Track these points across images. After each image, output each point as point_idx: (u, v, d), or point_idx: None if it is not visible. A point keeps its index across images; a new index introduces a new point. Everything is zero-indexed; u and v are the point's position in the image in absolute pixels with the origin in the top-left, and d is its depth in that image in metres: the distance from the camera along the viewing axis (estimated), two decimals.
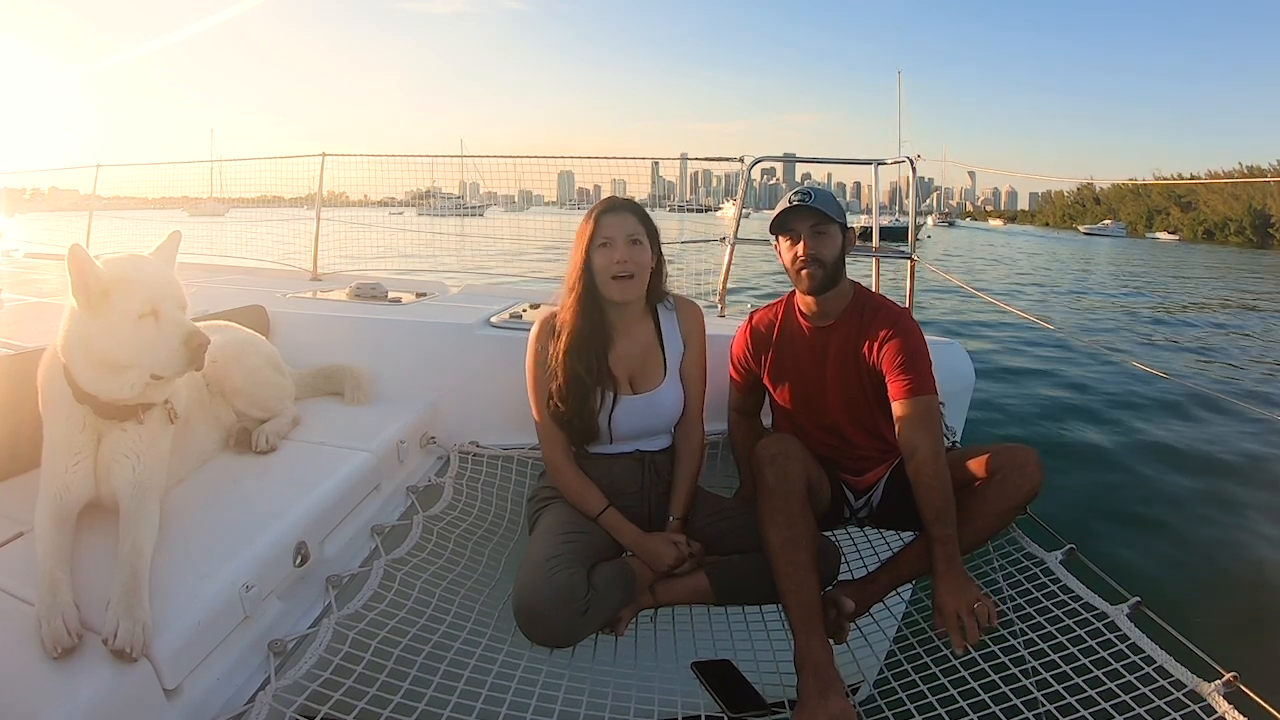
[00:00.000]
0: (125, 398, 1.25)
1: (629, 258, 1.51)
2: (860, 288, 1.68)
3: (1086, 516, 3.49)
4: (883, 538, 1.81)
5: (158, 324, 1.21)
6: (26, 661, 0.94)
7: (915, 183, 2.69)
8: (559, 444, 1.58)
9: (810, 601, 1.33)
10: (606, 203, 1.58)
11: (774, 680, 1.38)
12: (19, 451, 1.39)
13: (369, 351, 2.16)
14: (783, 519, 1.38)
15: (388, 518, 1.64)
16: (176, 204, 4.63)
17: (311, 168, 3.49)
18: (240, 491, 1.46)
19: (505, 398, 1.68)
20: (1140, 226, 68.56)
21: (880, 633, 1.54)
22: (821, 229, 1.57)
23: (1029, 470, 1.45)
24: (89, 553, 1.16)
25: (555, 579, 1.31)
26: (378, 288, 2.70)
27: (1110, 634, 1.25)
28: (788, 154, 3.32)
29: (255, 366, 1.72)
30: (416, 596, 1.39)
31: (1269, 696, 1.05)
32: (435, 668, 1.23)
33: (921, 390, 1.52)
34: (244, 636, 1.17)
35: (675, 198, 9.32)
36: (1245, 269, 25.59)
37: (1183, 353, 8.35)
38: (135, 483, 1.23)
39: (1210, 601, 2.80)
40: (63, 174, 5.25)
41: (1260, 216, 55.38)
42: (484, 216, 4.92)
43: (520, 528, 1.76)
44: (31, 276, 3.57)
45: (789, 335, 1.69)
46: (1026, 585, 1.45)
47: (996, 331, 8.33)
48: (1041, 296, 13.69)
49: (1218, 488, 4.04)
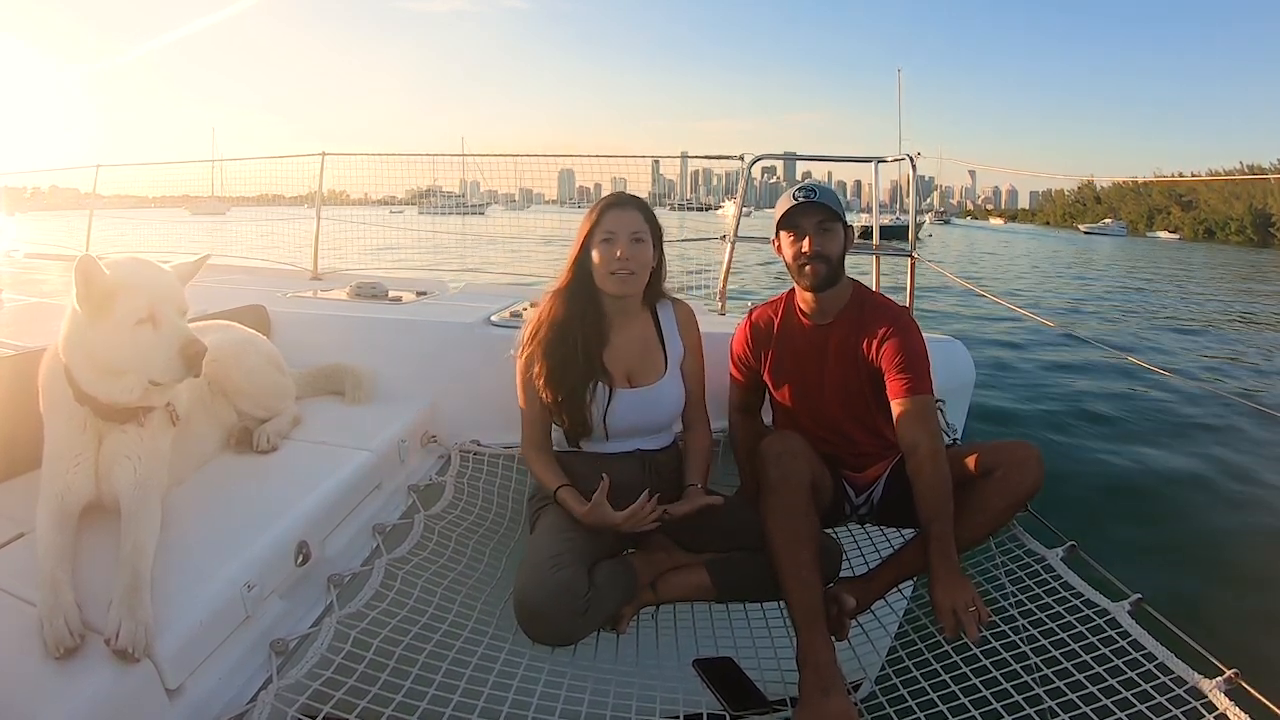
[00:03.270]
0: (125, 401, 1.25)
1: (631, 255, 1.51)
2: (859, 285, 1.69)
3: (1087, 513, 3.49)
4: (884, 535, 1.81)
5: (155, 331, 1.20)
6: (28, 662, 0.94)
7: (915, 181, 2.69)
8: (534, 434, 1.61)
9: (813, 599, 1.33)
10: (613, 197, 1.58)
11: (775, 678, 1.39)
12: (20, 452, 1.39)
13: (370, 351, 2.16)
14: (786, 516, 1.38)
15: (389, 517, 1.64)
16: (177, 203, 4.62)
17: (311, 167, 3.49)
18: (241, 491, 1.46)
19: (506, 396, 1.68)
20: (1141, 225, 68.44)
21: (882, 630, 1.54)
22: (827, 225, 1.58)
23: (1030, 467, 1.45)
24: (90, 553, 1.16)
25: (556, 577, 1.31)
26: (378, 287, 2.70)
27: (1111, 630, 1.25)
28: (788, 152, 3.32)
29: (256, 366, 1.71)
30: (418, 595, 1.39)
31: (1270, 693, 1.05)
32: (437, 666, 1.24)
33: (919, 390, 1.52)
34: (246, 636, 1.17)
35: (676, 196, 9.31)
36: (1246, 268, 25.57)
37: (1183, 351, 8.34)
38: (136, 483, 1.23)
39: (1211, 598, 2.80)
40: (63, 173, 5.24)
41: (1261, 215, 55.28)
42: (485, 215, 4.92)
43: (521, 527, 1.77)
44: (32, 276, 3.57)
45: (789, 332, 1.69)
46: (1028, 582, 1.45)
47: (997, 329, 8.33)
48: (1041, 296, 13.68)
49: (1219, 484, 4.03)
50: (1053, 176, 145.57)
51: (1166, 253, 35.11)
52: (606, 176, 3.49)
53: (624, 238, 1.51)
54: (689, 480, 1.58)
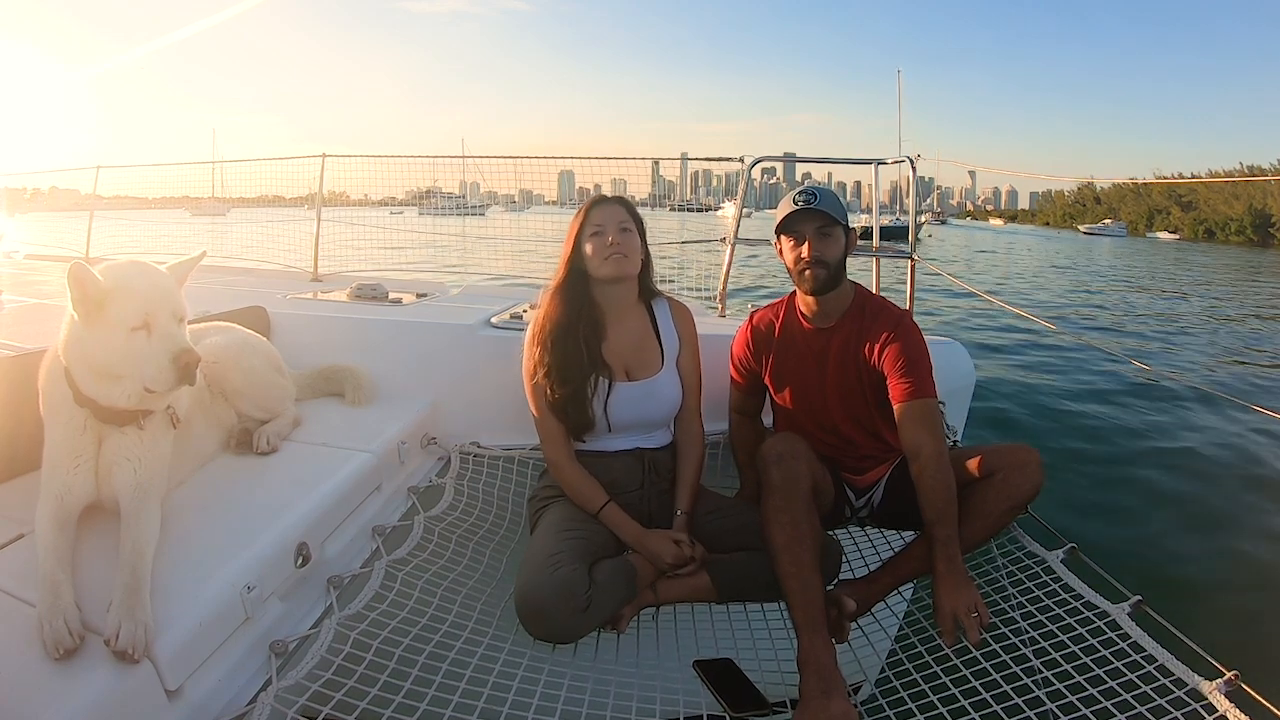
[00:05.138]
0: (123, 405, 1.24)
1: (621, 240, 1.57)
2: (861, 289, 1.69)
3: (1087, 515, 3.49)
4: (884, 537, 1.81)
5: (149, 338, 1.20)
6: (28, 663, 0.94)
7: (915, 182, 2.69)
8: (559, 440, 1.59)
9: (813, 601, 1.33)
10: (598, 197, 1.67)
11: (775, 679, 1.38)
12: (20, 453, 1.39)
13: (370, 352, 2.16)
14: (787, 518, 1.38)
15: (389, 518, 1.64)
16: (177, 204, 4.62)
17: (312, 168, 3.49)
18: (241, 492, 1.46)
19: (506, 398, 1.68)
20: (1141, 226, 68.47)
21: (882, 632, 1.54)
22: (826, 231, 1.58)
23: (1030, 470, 1.46)
24: (90, 554, 1.16)
25: (557, 575, 1.32)
26: (378, 288, 2.70)
27: (1111, 632, 1.25)
28: (788, 154, 3.32)
29: (256, 367, 1.72)
30: (418, 597, 1.39)
31: (1270, 695, 1.05)
32: (437, 668, 1.23)
33: (922, 393, 1.52)
34: (245, 637, 1.17)
35: (675, 198, 9.33)
36: (1246, 268, 25.57)
37: (1183, 350, 8.35)
38: (136, 485, 1.23)
39: (1211, 600, 2.80)
40: (63, 174, 5.24)
41: (1261, 216, 55.32)
42: (485, 216, 4.92)
43: (521, 528, 1.77)
44: (32, 278, 3.57)
45: (790, 335, 1.69)
46: (1028, 584, 1.45)
47: (997, 330, 8.34)
48: (1041, 296, 13.68)
49: (1218, 486, 4.04)
50: (1053, 177, 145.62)
51: (1166, 253, 35.12)
52: (606, 178, 3.49)
53: (612, 228, 1.57)
54: (677, 505, 1.59)
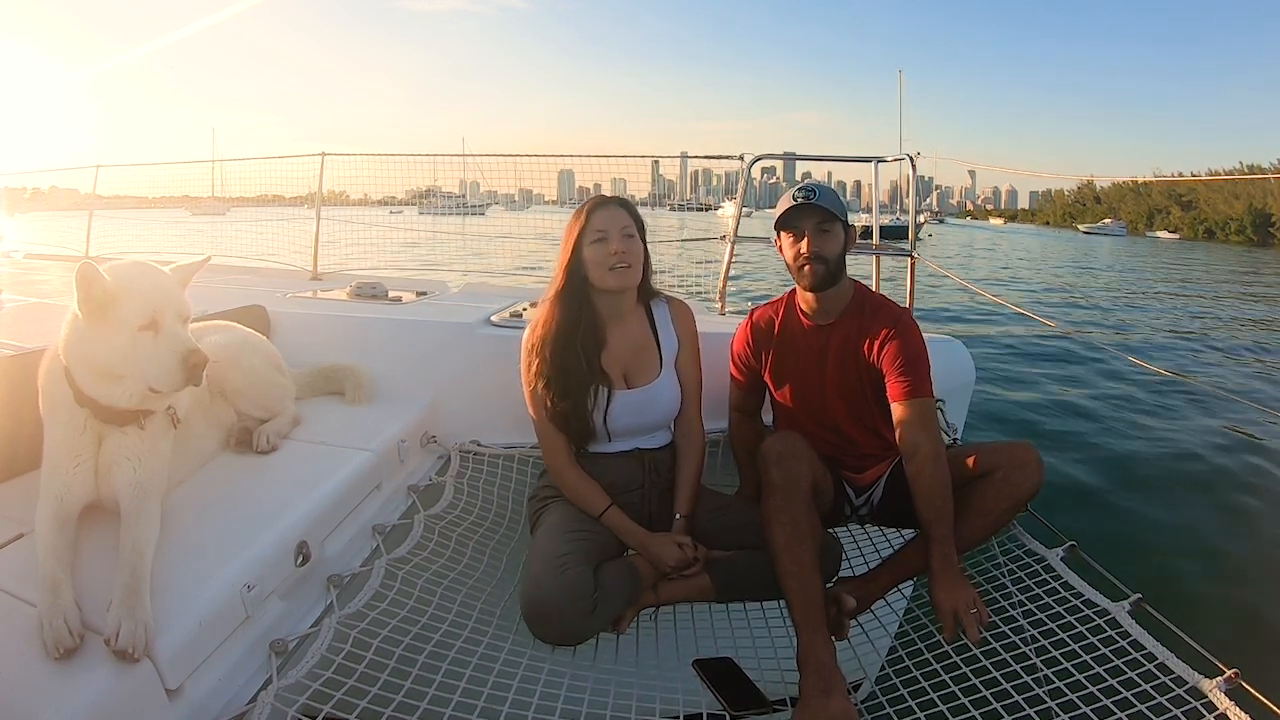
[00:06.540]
0: (124, 405, 1.24)
1: (625, 249, 1.53)
2: (860, 286, 1.69)
3: (1087, 513, 3.49)
4: (883, 535, 1.81)
5: (156, 338, 1.20)
6: (28, 662, 0.94)
7: (915, 181, 2.69)
8: (559, 446, 1.58)
9: (813, 600, 1.33)
10: (598, 199, 1.61)
11: (775, 678, 1.38)
12: (20, 452, 1.39)
13: (370, 351, 2.16)
14: (787, 517, 1.38)
15: (389, 517, 1.64)
16: (177, 204, 4.62)
17: (311, 167, 3.49)
18: (241, 491, 1.46)
19: (506, 397, 1.68)
20: (1140, 225, 68.42)
21: (882, 630, 1.54)
22: (826, 227, 1.58)
23: (1030, 468, 1.46)
24: (90, 554, 1.16)
25: (564, 577, 1.31)
26: (378, 287, 2.70)
27: (1111, 631, 1.25)
28: (788, 152, 3.32)
29: (255, 366, 1.71)
30: (418, 596, 1.39)
31: (1270, 693, 1.05)
32: (437, 666, 1.24)
33: (920, 393, 1.52)
34: (245, 636, 1.17)
35: (676, 197, 9.31)
36: (1246, 269, 25.57)
37: (1183, 350, 8.34)
38: (136, 484, 1.23)
39: (1211, 598, 2.80)
40: (63, 174, 5.23)
41: (1260, 215, 55.26)
42: (485, 215, 4.92)
43: (521, 527, 1.77)
44: (32, 277, 3.57)
45: (790, 333, 1.69)
46: (1028, 582, 1.46)
47: (997, 329, 8.34)
48: (1041, 296, 13.68)
49: (1218, 484, 4.04)
50: (1052, 177, 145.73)
51: (1166, 253, 35.11)
52: (606, 177, 3.49)
53: (616, 235, 1.53)
54: (676, 509, 1.59)
